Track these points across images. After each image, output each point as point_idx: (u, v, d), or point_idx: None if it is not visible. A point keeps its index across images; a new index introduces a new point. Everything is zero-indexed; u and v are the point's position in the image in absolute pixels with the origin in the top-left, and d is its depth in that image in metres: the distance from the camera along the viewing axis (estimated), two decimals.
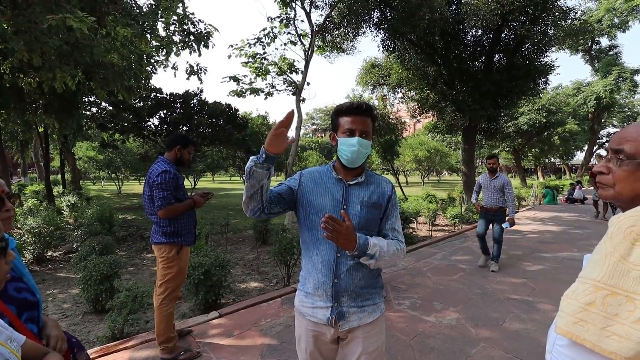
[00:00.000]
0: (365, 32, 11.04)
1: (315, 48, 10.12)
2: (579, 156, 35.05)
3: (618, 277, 0.74)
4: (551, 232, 8.07)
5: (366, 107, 1.38)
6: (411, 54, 11.45)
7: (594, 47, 24.20)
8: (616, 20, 21.11)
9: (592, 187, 9.06)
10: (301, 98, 9.16)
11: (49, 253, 6.04)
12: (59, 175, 16.85)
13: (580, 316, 0.77)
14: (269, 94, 9.82)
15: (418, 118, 13.97)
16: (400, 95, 14.98)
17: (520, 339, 3.09)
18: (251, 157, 1.29)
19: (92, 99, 10.57)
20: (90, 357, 2.72)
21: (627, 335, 0.70)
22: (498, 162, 5.33)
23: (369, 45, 26.36)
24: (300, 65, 9.71)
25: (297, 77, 9.76)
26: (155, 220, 2.66)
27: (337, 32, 10.89)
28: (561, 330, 0.81)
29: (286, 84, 9.77)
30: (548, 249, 6.48)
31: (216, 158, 15.81)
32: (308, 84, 9.36)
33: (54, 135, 11.66)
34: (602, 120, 25.50)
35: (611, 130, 30.14)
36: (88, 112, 11.12)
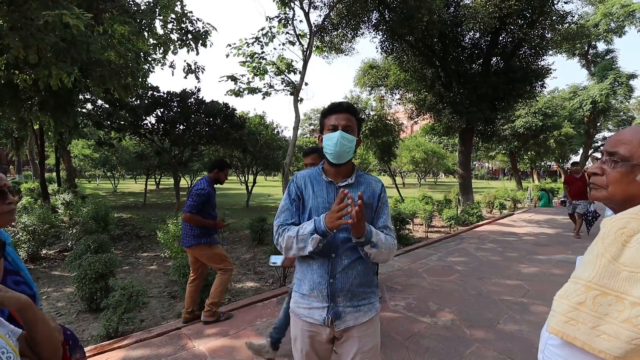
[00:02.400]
0: (363, 33, 11.07)
1: (314, 48, 10.13)
2: (575, 159, 35.34)
3: (608, 278, 0.75)
4: (546, 235, 8.12)
5: (348, 105, 1.44)
6: (409, 55, 11.49)
7: (591, 51, 24.35)
8: (612, 25, 21.28)
9: (566, 197, 8.05)
10: (299, 98, 9.16)
11: (44, 251, 6.00)
12: (54, 173, 16.74)
13: (571, 315, 0.79)
14: (266, 93, 9.81)
15: (415, 120, 14.02)
16: (398, 96, 15.01)
17: (514, 340, 3.10)
18: (316, 238, 1.32)
19: (88, 96, 10.50)
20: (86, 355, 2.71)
21: (617, 334, 0.71)
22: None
23: (368, 47, 26.43)
24: (299, 65, 9.74)
25: (295, 77, 9.76)
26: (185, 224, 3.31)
27: (335, 32, 10.91)
28: (552, 329, 0.82)
29: (284, 84, 9.76)
30: (543, 251, 6.52)
31: (213, 157, 15.76)
32: (306, 84, 9.36)
33: (49, 133, 11.58)
34: (598, 124, 25.68)
35: (607, 134, 30.37)
36: (84, 110, 11.04)
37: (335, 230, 1.39)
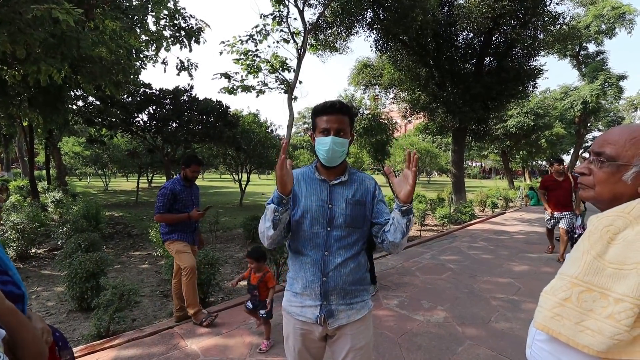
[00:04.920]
0: (358, 31, 11.09)
1: (308, 47, 10.11)
2: (566, 159, 35.84)
3: (593, 274, 0.77)
4: (537, 233, 8.22)
5: (340, 105, 1.39)
6: (403, 55, 11.53)
7: (582, 52, 24.63)
8: (603, 26, 21.55)
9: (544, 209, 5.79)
10: (293, 96, 9.14)
11: (33, 250, 5.91)
12: (44, 171, 16.47)
13: (556, 311, 0.80)
14: (260, 91, 9.77)
15: (409, 119, 14.08)
16: (392, 95, 15.08)
17: (506, 337, 3.14)
18: (271, 208, 1.31)
19: (79, 93, 10.34)
20: (76, 355, 2.68)
21: (600, 330, 0.72)
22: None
23: (362, 45, 26.43)
24: (293, 63, 9.70)
25: (289, 76, 9.74)
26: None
27: (330, 31, 10.91)
28: (539, 324, 0.83)
29: (278, 82, 9.74)
30: (534, 249, 6.61)
31: (206, 156, 15.65)
32: (300, 82, 9.36)
33: (38, 130, 11.38)
34: (588, 124, 26.02)
35: (597, 134, 30.81)
36: (74, 107, 10.87)
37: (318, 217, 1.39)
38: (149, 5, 5.98)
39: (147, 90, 10.38)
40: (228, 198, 17.13)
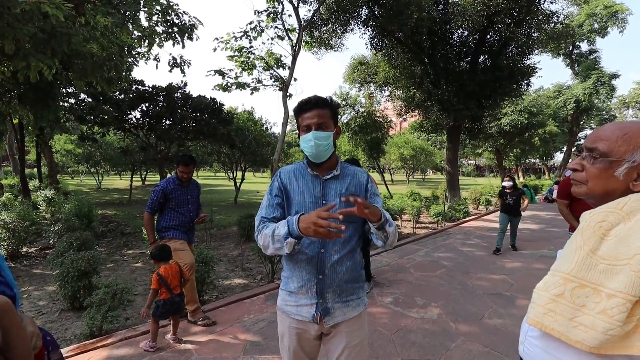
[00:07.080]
0: (353, 29, 11.06)
1: (303, 44, 10.07)
2: (558, 157, 36.20)
3: (586, 270, 0.77)
4: (530, 230, 8.31)
5: (316, 100, 1.38)
6: (398, 52, 11.53)
7: (575, 51, 24.85)
8: (596, 25, 21.76)
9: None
10: (288, 94, 9.11)
11: (24, 249, 5.83)
12: (35, 169, 16.24)
13: (549, 307, 0.80)
14: (255, 88, 9.72)
15: (404, 117, 14.10)
16: (387, 93, 15.08)
17: (498, 333, 3.17)
18: (290, 242, 1.24)
19: (70, 90, 10.19)
20: (68, 355, 2.65)
21: (593, 325, 0.73)
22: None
23: (357, 43, 26.40)
24: (287, 60, 9.64)
25: (284, 73, 9.70)
26: None
27: (325, 28, 10.86)
28: (532, 320, 0.83)
29: (273, 79, 9.69)
30: (527, 246, 6.67)
31: (200, 153, 15.54)
32: (295, 79, 9.33)
33: (29, 127, 11.20)
34: (581, 122, 26.28)
35: (589, 132, 31.13)
36: (66, 104, 10.71)
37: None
38: (141, 1, 5.90)
39: (139, 87, 10.25)
40: (223, 196, 17.04)
